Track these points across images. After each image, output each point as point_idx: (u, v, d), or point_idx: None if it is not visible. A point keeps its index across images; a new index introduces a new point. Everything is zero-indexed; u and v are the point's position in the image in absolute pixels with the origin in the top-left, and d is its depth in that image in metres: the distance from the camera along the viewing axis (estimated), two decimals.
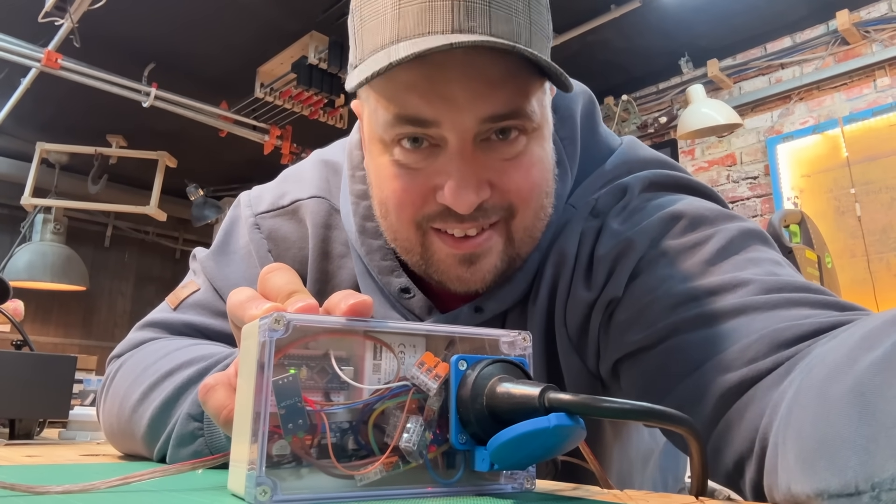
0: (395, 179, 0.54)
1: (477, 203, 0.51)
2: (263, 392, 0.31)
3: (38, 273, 4.19)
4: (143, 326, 0.70)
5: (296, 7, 3.06)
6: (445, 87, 0.49)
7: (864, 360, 0.29)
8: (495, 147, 0.53)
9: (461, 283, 0.56)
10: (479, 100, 0.50)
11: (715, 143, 3.62)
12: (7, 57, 3.08)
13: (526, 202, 0.54)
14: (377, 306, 0.62)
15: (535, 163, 0.54)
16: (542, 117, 0.55)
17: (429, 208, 0.54)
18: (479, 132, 0.51)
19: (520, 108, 0.51)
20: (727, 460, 0.44)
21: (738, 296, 0.49)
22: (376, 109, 0.53)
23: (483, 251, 0.54)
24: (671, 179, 0.63)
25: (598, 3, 3.06)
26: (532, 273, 0.60)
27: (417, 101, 0.50)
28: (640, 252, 0.55)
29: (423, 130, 0.51)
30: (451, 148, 0.51)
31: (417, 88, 0.50)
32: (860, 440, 0.26)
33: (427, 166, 0.53)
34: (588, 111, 0.67)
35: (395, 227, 0.56)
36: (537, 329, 0.60)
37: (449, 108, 0.50)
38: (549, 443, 0.32)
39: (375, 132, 0.54)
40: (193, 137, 4.22)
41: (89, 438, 0.98)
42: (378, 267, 0.62)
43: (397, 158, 0.53)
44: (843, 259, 3.01)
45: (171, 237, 5.93)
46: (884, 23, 3.10)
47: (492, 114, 0.50)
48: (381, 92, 0.52)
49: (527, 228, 0.56)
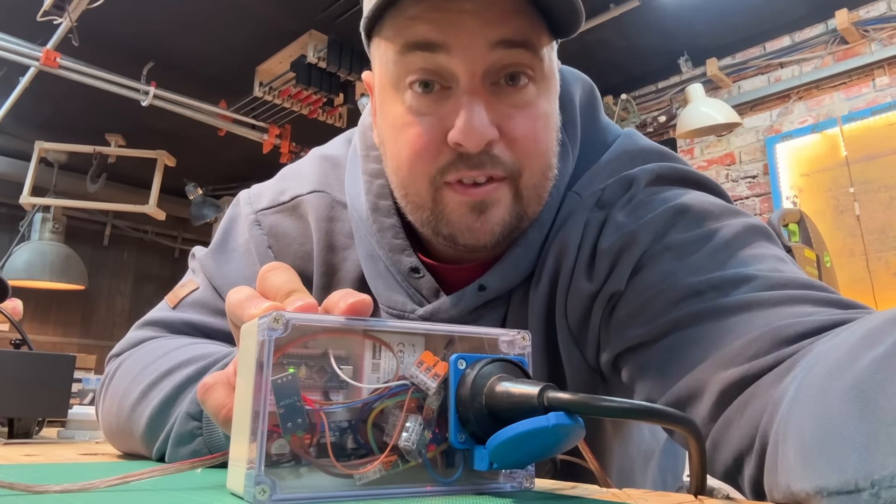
0: (408, 128, 0.54)
1: (486, 139, 0.51)
2: (262, 391, 0.31)
3: (36, 272, 4.19)
4: (142, 325, 0.69)
5: (295, 6, 3.06)
6: (456, 16, 0.50)
7: (865, 357, 0.29)
8: (505, 92, 0.53)
9: (471, 234, 0.55)
10: (491, 26, 0.50)
11: (714, 142, 3.63)
12: (5, 56, 3.08)
13: (531, 156, 0.55)
14: (383, 289, 0.62)
15: (541, 115, 0.55)
16: (551, 71, 0.56)
17: (442, 158, 0.53)
18: (489, 67, 0.52)
19: (531, 40, 0.52)
20: (726, 457, 0.44)
21: (741, 292, 0.48)
22: (386, 50, 0.54)
23: (492, 200, 0.54)
24: (677, 173, 0.63)
25: (597, 2, 3.06)
26: (533, 252, 0.60)
27: (426, 27, 0.51)
28: (643, 246, 0.55)
29: (432, 57, 0.51)
30: (462, 84, 0.52)
31: (426, 17, 0.51)
32: (860, 437, 0.26)
33: (438, 109, 0.53)
34: (588, 99, 0.68)
35: (408, 181, 0.56)
36: (538, 316, 0.60)
37: (458, 32, 0.50)
38: (548, 442, 0.32)
39: (387, 75, 0.55)
40: (192, 136, 4.22)
41: (88, 437, 0.98)
42: (389, 244, 0.61)
43: (409, 104, 0.54)
44: (841, 258, 3.01)
45: (169, 236, 5.92)
46: (883, 22, 3.10)
47: (503, 38, 0.51)
48: (390, 30, 0.53)
49: (535, 186, 0.56)
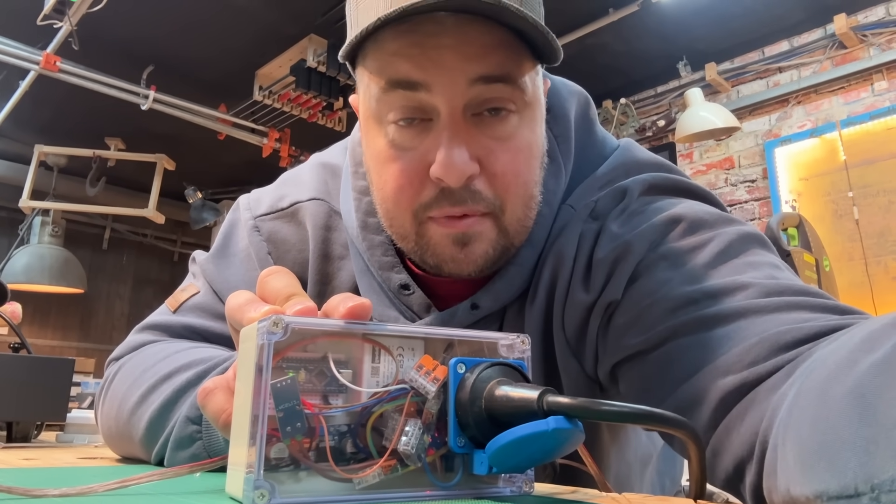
0: (391, 163, 0.54)
1: (466, 175, 0.52)
2: (262, 395, 0.31)
3: (35, 275, 4.18)
4: (142, 329, 0.69)
5: (294, 10, 3.07)
6: (436, 53, 0.50)
7: (864, 361, 0.29)
8: (486, 123, 0.53)
9: (455, 265, 0.56)
10: (470, 62, 0.50)
11: (713, 147, 3.63)
12: (5, 59, 3.08)
13: (512, 191, 0.55)
14: (375, 304, 0.62)
15: (523, 148, 0.55)
16: (534, 97, 0.56)
17: (425, 194, 0.54)
18: (469, 101, 0.52)
19: (511, 73, 0.52)
20: (727, 464, 0.44)
21: (738, 299, 0.48)
22: (369, 85, 0.54)
23: (474, 233, 0.54)
24: (670, 183, 0.63)
25: (596, 6, 3.07)
26: (527, 270, 0.60)
27: (407, 65, 0.51)
28: (638, 255, 0.55)
29: (414, 96, 0.51)
30: (443, 118, 0.52)
31: (407, 54, 0.51)
32: (860, 441, 0.26)
33: (420, 143, 0.53)
34: (583, 112, 0.68)
35: (393, 213, 0.56)
36: (535, 330, 0.60)
37: (439, 70, 0.50)
38: (547, 446, 0.32)
39: (370, 109, 0.55)
40: (192, 140, 4.22)
41: (87, 441, 0.98)
42: (379, 262, 0.62)
43: (392, 138, 0.54)
44: (840, 262, 3.01)
45: (169, 240, 5.92)
46: (881, 27, 3.11)
47: (483, 74, 0.51)
48: (372, 65, 0.53)
49: (518, 220, 0.56)
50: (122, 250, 5.78)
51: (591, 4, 3.06)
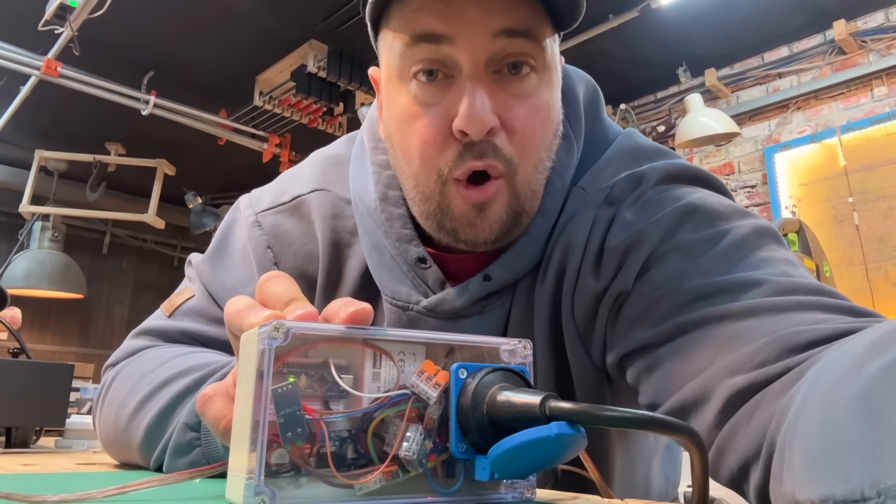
0: (415, 120, 0.55)
1: (488, 126, 0.52)
2: (262, 400, 0.31)
3: (35, 281, 4.18)
4: (137, 334, 0.69)
5: (295, 16, 3.07)
6: (459, 6, 0.52)
7: (872, 365, 0.29)
8: (507, 80, 0.54)
9: (472, 229, 0.56)
10: (493, 15, 0.52)
11: (713, 152, 3.64)
12: (6, 65, 3.09)
13: (527, 152, 0.55)
14: (388, 280, 0.62)
15: (541, 107, 0.56)
16: (553, 62, 0.57)
17: (449, 152, 0.54)
18: (492, 55, 0.53)
19: (533, 29, 0.53)
20: (732, 464, 0.43)
21: (751, 296, 0.48)
22: (392, 43, 0.55)
23: (492, 199, 0.55)
24: (688, 171, 0.62)
25: (596, 12, 3.08)
26: (540, 242, 0.60)
27: (431, 19, 0.52)
28: (651, 245, 0.55)
29: (437, 49, 0.53)
30: (465, 72, 0.53)
31: (431, 8, 0.52)
32: (866, 446, 0.26)
33: (442, 98, 0.54)
34: (591, 97, 0.68)
35: (419, 172, 0.57)
36: (544, 312, 0.60)
37: (462, 23, 0.52)
38: (550, 452, 0.32)
39: (393, 67, 0.56)
40: (192, 145, 4.23)
41: (86, 447, 0.97)
42: (398, 234, 0.62)
43: (414, 94, 0.55)
44: (841, 268, 3.01)
45: (169, 245, 5.92)
46: (880, 33, 3.12)
47: (505, 27, 0.52)
48: (396, 23, 0.55)
49: (528, 182, 0.57)
50: (121, 255, 5.78)
51: (591, 10, 3.06)
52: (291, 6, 3.01)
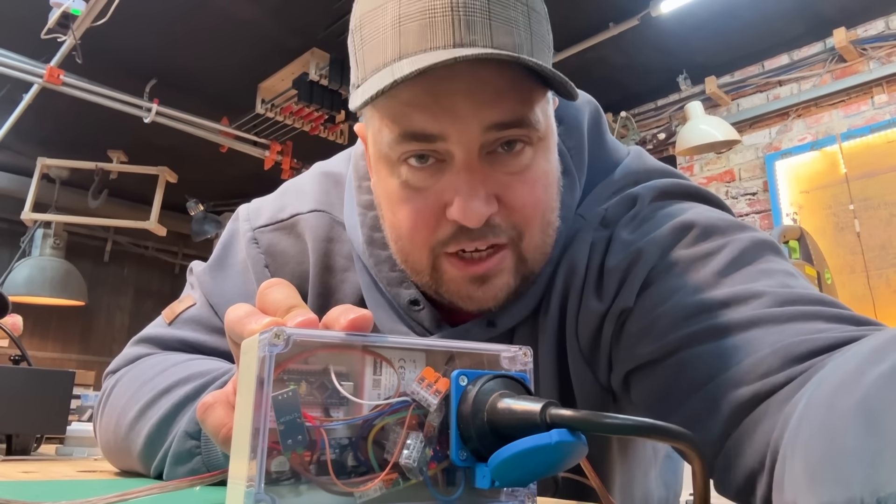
0: (405, 203, 0.54)
1: (486, 215, 0.51)
2: (263, 407, 0.31)
3: (36, 288, 4.18)
4: (137, 342, 0.69)
5: (297, 24, 3.09)
6: (449, 101, 0.49)
7: (871, 373, 0.29)
8: (501, 160, 0.52)
9: (473, 302, 0.55)
10: (484, 109, 0.50)
11: (713, 160, 3.64)
12: (9, 73, 3.10)
13: (531, 222, 0.54)
14: (384, 320, 0.62)
15: (539, 178, 0.54)
16: (547, 127, 0.55)
17: (441, 232, 0.53)
18: (484, 143, 0.51)
19: (524, 116, 0.51)
20: (738, 476, 0.43)
21: (751, 308, 0.48)
22: (381, 129, 0.53)
23: (495, 271, 0.54)
24: (681, 188, 0.63)
25: (596, 20, 3.09)
26: (543, 285, 0.59)
27: (422, 117, 0.50)
28: (650, 262, 0.55)
29: (429, 146, 0.51)
30: (458, 162, 0.51)
31: (421, 104, 0.50)
32: (866, 454, 0.26)
33: (434, 184, 0.52)
34: (595, 121, 0.67)
35: (408, 250, 0.56)
36: (548, 342, 0.59)
37: (454, 120, 0.50)
38: (550, 459, 0.32)
39: (381, 152, 0.54)
40: (194, 153, 4.24)
41: (87, 454, 0.97)
42: (387, 278, 0.61)
43: (405, 179, 0.53)
44: (842, 275, 3.01)
45: (170, 252, 5.92)
46: (880, 40, 3.13)
47: (496, 122, 0.50)
48: (384, 111, 0.52)
49: (537, 247, 0.56)
50: (123, 262, 5.78)
51: (592, 18, 3.08)
52: (293, 15, 3.02)
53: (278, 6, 2.96)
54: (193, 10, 2.98)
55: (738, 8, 3.03)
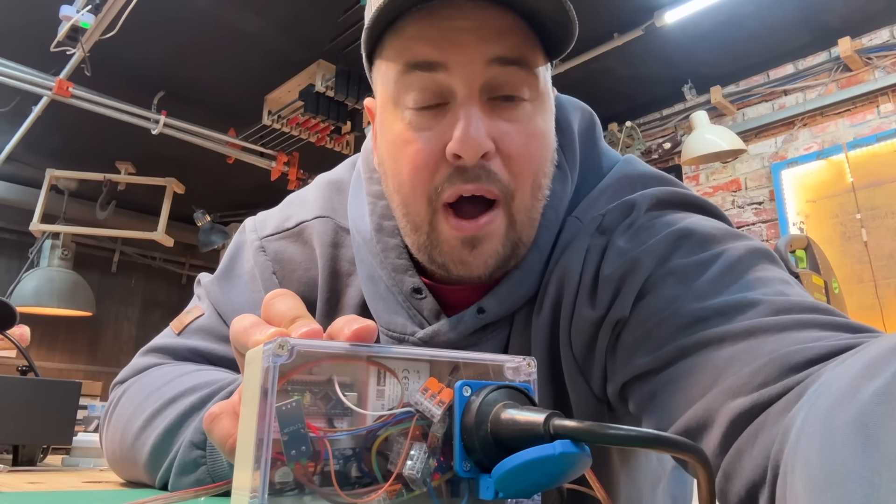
0: (408, 145, 0.55)
1: (482, 149, 0.52)
2: (266, 418, 0.31)
3: (44, 299, 4.21)
4: (146, 352, 0.69)
5: (303, 36, 3.11)
6: (454, 34, 0.52)
7: (866, 389, 0.29)
8: (501, 107, 0.54)
9: (464, 266, 0.56)
10: (487, 43, 0.52)
11: (719, 169, 3.63)
12: (19, 85, 3.13)
13: (524, 177, 0.55)
14: (383, 311, 0.62)
15: (536, 133, 0.56)
16: (546, 90, 0.57)
17: (440, 175, 0.54)
18: (486, 82, 0.53)
19: (527, 57, 0.54)
20: (739, 488, 0.43)
21: (748, 317, 0.48)
22: (388, 72, 0.56)
23: (485, 234, 0.55)
24: (678, 197, 0.63)
25: (601, 31, 3.10)
26: (534, 276, 0.59)
27: (426, 47, 0.52)
28: (646, 271, 0.55)
29: (432, 77, 0.53)
30: (459, 98, 0.53)
31: (425, 37, 0.52)
32: (864, 472, 0.26)
33: (437, 125, 0.54)
34: (587, 125, 0.68)
35: (409, 199, 0.56)
36: (541, 344, 0.59)
37: (457, 50, 0.52)
38: (554, 470, 0.32)
39: (387, 94, 0.56)
40: (201, 164, 4.26)
41: (92, 465, 0.97)
42: (393, 264, 0.62)
43: (408, 121, 0.55)
44: (850, 284, 2.99)
45: (177, 262, 5.95)
46: (885, 50, 3.12)
47: (499, 55, 0.52)
48: (391, 52, 0.55)
49: (527, 209, 0.56)
50: (130, 273, 5.81)
51: (597, 29, 3.10)
52: (300, 27, 3.04)
53: (285, 19, 2.99)
54: (201, 23, 3.00)
55: (742, 18, 3.03)
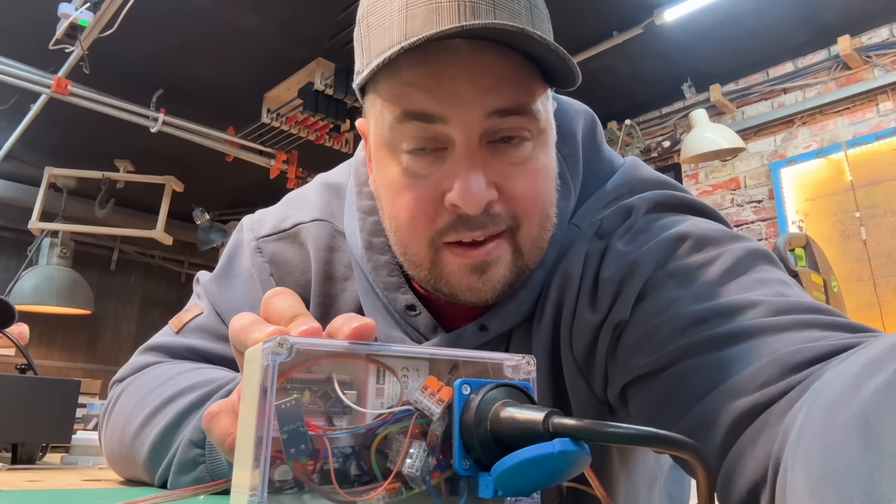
0: (405, 190, 0.54)
1: (485, 201, 0.51)
2: (266, 416, 0.31)
3: (43, 297, 4.20)
4: (145, 350, 0.69)
5: (302, 34, 3.11)
6: (451, 84, 0.50)
7: (867, 386, 0.29)
8: (502, 150, 0.53)
9: (472, 293, 0.55)
10: (486, 94, 0.50)
11: (718, 167, 3.63)
12: (18, 83, 3.13)
13: (530, 212, 0.54)
14: (381, 325, 0.62)
15: (539, 170, 0.55)
16: (547, 122, 0.56)
17: (440, 220, 0.53)
18: (485, 131, 0.51)
19: (525, 104, 0.52)
20: (741, 488, 0.43)
21: (748, 318, 0.48)
22: (382, 112, 0.54)
23: (492, 259, 0.54)
24: (676, 200, 0.63)
25: (600, 29, 3.10)
26: (536, 291, 0.59)
27: (423, 97, 0.50)
28: (646, 274, 0.55)
29: (430, 127, 0.51)
30: (459, 148, 0.51)
31: (423, 84, 0.50)
32: (865, 469, 0.26)
33: (435, 171, 0.53)
34: (590, 130, 0.68)
35: (407, 241, 0.56)
36: (542, 351, 0.59)
37: (455, 102, 0.50)
38: (553, 469, 0.32)
39: (382, 137, 0.55)
40: (200, 162, 4.26)
41: (91, 463, 0.97)
42: (384, 283, 0.61)
43: (406, 166, 0.53)
44: (849, 283, 2.99)
45: (176, 261, 5.94)
46: (885, 48, 3.12)
47: (498, 107, 0.51)
48: (386, 93, 0.53)
49: (533, 239, 0.56)
50: (129, 271, 5.80)
51: (596, 27, 3.09)
52: (299, 25, 3.04)
53: (283, 17, 2.98)
54: (200, 21, 3.00)
55: (742, 16, 3.03)
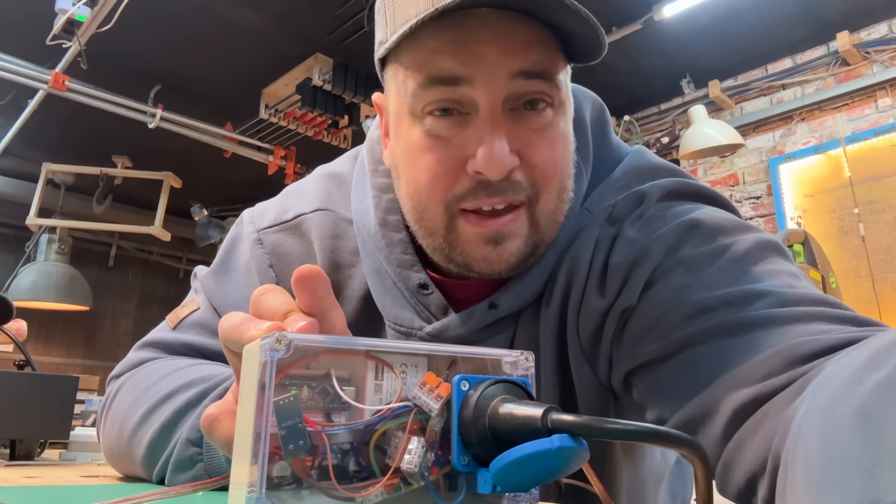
0: (427, 152, 0.54)
1: (508, 168, 0.51)
2: (264, 413, 0.31)
3: (41, 293, 4.20)
4: (142, 346, 0.69)
5: (300, 30, 3.10)
6: (477, 48, 0.51)
7: (868, 380, 0.29)
8: (524, 117, 0.53)
9: (486, 264, 0.55)
10: (511, 57, 0.51)
11: (717, 163, 3.64)
12: (14, 79, 3.12)
13: (550, 180, 0.55)
14: (390, 306, 0.62)
15: (559, 138, 0.55)
16: (567, 96, 0.56)
17: (460, 186, 0.53)
18: (509, 95, 0.52)
19: (549, 70, 0.53)
20: (739, 478, 0.43)
21: (755, 308, 0.48)
22: (405, 80, 0.54)
23: (509, 231, 0.54)
24: (689, 188, 0.63)
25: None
26: (547, 271, 0.59)
27: (449, 61, 0.51)
28: (655, 261, 0.55)
29: (454, 91, 0.51)
30: (483, 112, 0.52)
31: (447, 50, 0.51)
32: (865, 462, 0.26)
33: (458, 135, 0.53)
34: (598, 117, 0.68)
35: (425, 205, 0.56)
36: (549, 334, 0.59)
37: (480, 65, 0.51)
38: (552, 465, 0.32)
39: (405, 105, 0.55)
40: (198, 158, 4.25)
41: (90, 459, 0.97)
42: (398, 260, 0.61)
43: (428, 128, 0.53)
44: (847, 279, 2.99)
45: (174, 257, 5.94)
46: (884, 44, 3.12)
47: (523, 69, 0.51)
48: (410, 61, 0.53)
49: (551, 212, 0.56)
50: (127, 268, 5.80)
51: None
52: (297, 21, 3.03)
53: (281, 12, 2.98)
54: (197, 16, 2.99)
55: (741, 12, 3.03)
